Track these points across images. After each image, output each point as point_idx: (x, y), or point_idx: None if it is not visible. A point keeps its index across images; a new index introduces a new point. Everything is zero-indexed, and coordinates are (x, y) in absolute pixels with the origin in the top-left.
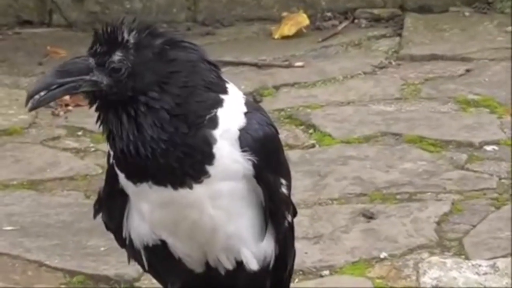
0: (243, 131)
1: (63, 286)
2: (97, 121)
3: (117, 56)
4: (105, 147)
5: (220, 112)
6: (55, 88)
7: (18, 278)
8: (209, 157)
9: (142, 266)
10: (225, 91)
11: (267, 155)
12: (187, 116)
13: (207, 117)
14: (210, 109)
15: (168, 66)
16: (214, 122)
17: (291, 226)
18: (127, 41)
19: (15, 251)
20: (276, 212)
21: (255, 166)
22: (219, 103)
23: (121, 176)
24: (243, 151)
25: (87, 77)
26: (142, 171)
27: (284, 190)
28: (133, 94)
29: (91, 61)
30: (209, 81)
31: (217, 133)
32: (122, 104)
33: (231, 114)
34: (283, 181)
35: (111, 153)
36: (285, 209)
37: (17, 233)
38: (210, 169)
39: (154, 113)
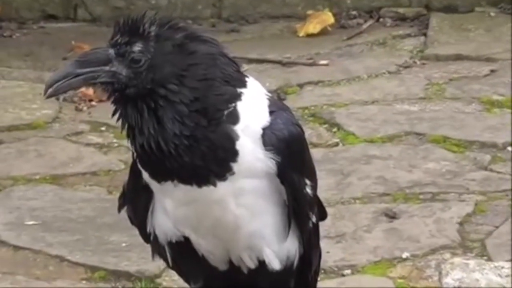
0: (267, 130)
1: (84, 281)
2: (113, 115)
3: (137, 47)
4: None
5: (240, 106)
6: (73, 77)
7: (40, 272)
8: (233, 154)
9: (167, 262)
10: (243, 85)
11: (291, 155)
12: (207, 109)
13: (226, 111)
14: (228, 102)
15: (187, 58)
16: (234, 117)
17: (315, 226)
18: (148, 33)
19: (36, 246)
20: (299, 212)
21: (278, 165)
22: (237, 97)
23: (145, 174)
24: (266, 150)
25: (107, 68)
26: (167, 169)
27: (308, 190)
28: (152, 87)
29: (111, 51)
30: (228, 75)
31: (238, 128)
32: (141, 97)
33: (251, 109)
34: (308, 182)
35: (133, 150)
36: (309, 210)
37: (39, 228)
38: (234, 166)
39: (174, 107)
